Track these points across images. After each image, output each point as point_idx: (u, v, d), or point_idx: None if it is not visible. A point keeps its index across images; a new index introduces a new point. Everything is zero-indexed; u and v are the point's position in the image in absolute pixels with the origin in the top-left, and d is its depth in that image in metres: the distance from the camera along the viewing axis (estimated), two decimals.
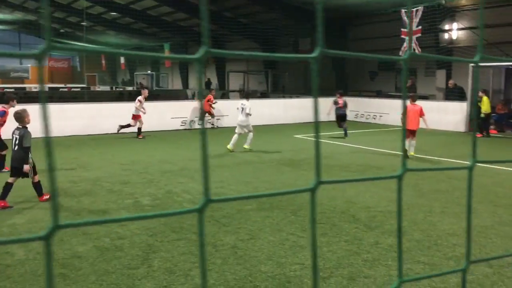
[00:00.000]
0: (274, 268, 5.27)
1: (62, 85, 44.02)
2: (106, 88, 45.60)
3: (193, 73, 42.55)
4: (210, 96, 19.55)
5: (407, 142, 12.19)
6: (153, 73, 44.36)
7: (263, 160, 12.19)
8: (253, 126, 17.40)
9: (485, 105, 16.64)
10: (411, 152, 12.32)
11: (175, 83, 45.28)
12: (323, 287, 4.81)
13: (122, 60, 44.01)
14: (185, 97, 35.02)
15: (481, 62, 1.17)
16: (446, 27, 22.41)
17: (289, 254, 5.68)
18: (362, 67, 27.18)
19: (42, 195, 8.01)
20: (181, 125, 19.61)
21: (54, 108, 17.63)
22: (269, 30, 29.47)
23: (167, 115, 19.29)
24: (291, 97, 25.41)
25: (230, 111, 19.40)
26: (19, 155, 7.73)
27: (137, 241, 6.11)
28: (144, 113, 16.75)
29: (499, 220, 6.99)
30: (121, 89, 41.39)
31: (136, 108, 16.73)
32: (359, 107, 22.90)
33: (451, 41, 22.38)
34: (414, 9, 19.01)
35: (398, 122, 20.42)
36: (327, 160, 12.03)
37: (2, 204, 7.56)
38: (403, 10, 19.64)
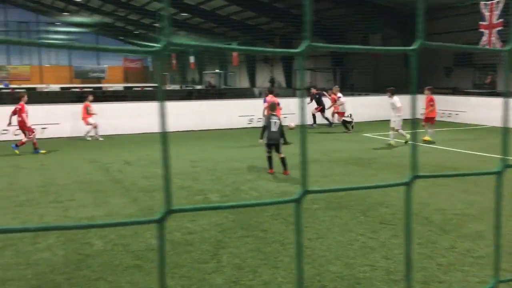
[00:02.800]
0: (343, 268, 5.18)
1: (136, 85, 45.98)
2: (176, 87, 47.08)
3: (260, 71, 42.82)
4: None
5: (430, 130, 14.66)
6: (221, 71, 45.17)
7: (330, 159, 12.03)
8: (320, 124, 17.27)
9: None
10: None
11: (243, 81, 45.85)
12: None
13: (192, 59, 45.18)
14: (252, 95, 35.37)
15: None
16: None
17: (358, 255, 5.55)
18: (436, 63, 26.04)
19: (287, 170, 9.88)
20: (248, 123, 19.81)
21: (129, 107, 18.48)
22: (337, 27, 29.03)
23: (235, 113, 19.56)
24: (360, 94, 24.90)
25: (296, 110, 19.31)
26: (278, 136, 9.96)
27: (206, 237, 6.24)
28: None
29: None
30: (190, 88, 42.58)
31: (340, 105, 18.09)
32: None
33: None
34: (495, 1, 17.91)
35: (476, 121, 19.42)
36: (398, 160, 11.67)
37: (272, 171, 10.04)
38: (482, 2, 18.58)
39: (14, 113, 13.39)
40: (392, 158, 11.89)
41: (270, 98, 15.80)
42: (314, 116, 19.33)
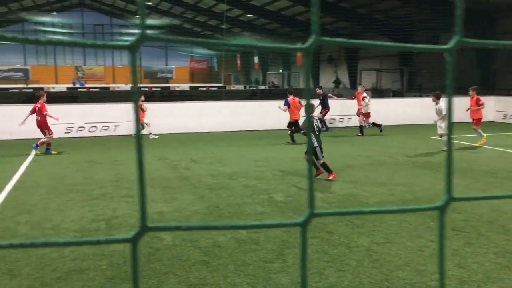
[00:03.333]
0: (413, 275, 5.02)
1: (202, 85, 47.02)
2: (240, 87, 47.67)
3: (325, 72, 42.42)
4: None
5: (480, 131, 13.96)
6: (285, 72, 45.22)
7: (397, 162, 11.69)
8: (387, 126, 16.81)
9: None
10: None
11: None
12: None
13: (256, 60, 45.59)
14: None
15: None
16: None
17: (429, 262, 5.35)
18: None
19: (318, 174, 9.56)
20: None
21: (196, 106, 18.95)
22: (406, 26, 28.14)
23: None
24: (428, 95, 23.97)
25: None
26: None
27: (271, 236, 6.26)
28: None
29: None
30: (253, 88, 42.96)
31: (365, 106, 16.92)
32: (508, 107, 20.77)
33: None
34: None
35: None
36: (470, 164, 11.13)
37: (332, 175, 9.50)
38: None
39: (33, 112, 12.95)
40: (464, 163, 11.35)
41: (291, 99, 15.52)
42: (323, 121, 18.25)
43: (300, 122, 14.75)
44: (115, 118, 17.27)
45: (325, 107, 17.57)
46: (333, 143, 15.15)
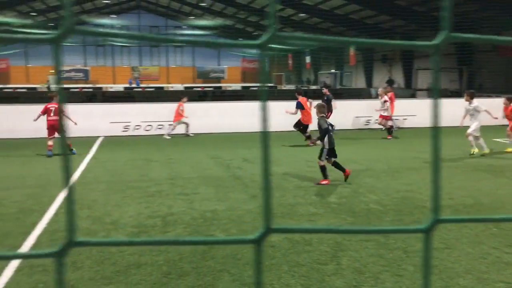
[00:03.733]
0: (474, 283, 4.81)
1: (253, 84, 47.27)
2: (292, 87, 47.49)
3: (378, 71, 41.53)
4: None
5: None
6: (337, 72, 44.65)
7: (457, 165, 11.25)
8: (444, 127, 16.19)
9: None
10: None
11: (359, 82, 44.87)
12: None
13: (308, 59, 45.30)
14: (368, 96, 34.42)
15: None
16: None
17: (492, 270, 5.11)
18: None
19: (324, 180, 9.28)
20: (365, 124, 19.34)
21: (247, 106, 19.07)
22: (465, 24, 27.04)
23: (351, 113, 19.20)
24: (489, 96, 22.94)
25: (417, 111, 18.45)
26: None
27: (325, 237, 6.19)
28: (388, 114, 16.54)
29: None
30: (305, 88, 42.69)
31: (385, 109, 16.51)
32: None
33: None
34: None
35: None
36: None
37: (326, 182, 9.21)
38: None
39: (44, 112, 12.54)
40: None
41: (303, 100, 15.42)
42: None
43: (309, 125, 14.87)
44: (169, 117, 17.68)
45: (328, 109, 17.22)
46: (389, 144, 14.81)
